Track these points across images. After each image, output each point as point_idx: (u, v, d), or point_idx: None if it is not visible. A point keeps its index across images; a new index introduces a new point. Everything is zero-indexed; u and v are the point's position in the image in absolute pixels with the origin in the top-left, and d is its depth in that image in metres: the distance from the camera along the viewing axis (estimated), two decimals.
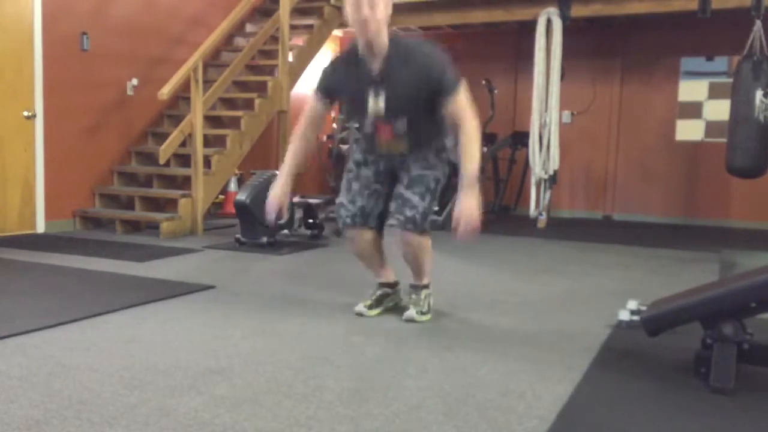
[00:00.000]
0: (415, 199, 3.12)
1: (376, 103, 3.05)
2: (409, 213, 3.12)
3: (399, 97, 3.02)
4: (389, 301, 3.45)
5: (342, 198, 3.29)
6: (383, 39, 2.96)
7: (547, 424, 2.08)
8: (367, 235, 3.29)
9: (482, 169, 7.25)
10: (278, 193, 3.22)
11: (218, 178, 6.46)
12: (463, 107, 3.00)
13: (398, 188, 3.18)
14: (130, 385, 2.32)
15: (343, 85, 3.14)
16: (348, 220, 3.26)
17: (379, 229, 3.34)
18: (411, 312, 3.27)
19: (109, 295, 3.65)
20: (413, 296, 3.34)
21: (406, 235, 3.15)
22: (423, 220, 3.14)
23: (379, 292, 3.42)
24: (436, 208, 6.60)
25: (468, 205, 2.91)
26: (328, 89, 3.19)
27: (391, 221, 3.21)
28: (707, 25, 7.16)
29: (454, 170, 3.18)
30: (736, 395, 2.32)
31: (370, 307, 3.37)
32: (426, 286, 3.35)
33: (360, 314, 3.34)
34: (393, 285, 3.47)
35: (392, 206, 3.20)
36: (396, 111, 3.05)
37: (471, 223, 2.90)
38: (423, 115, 3.07)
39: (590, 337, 3.03)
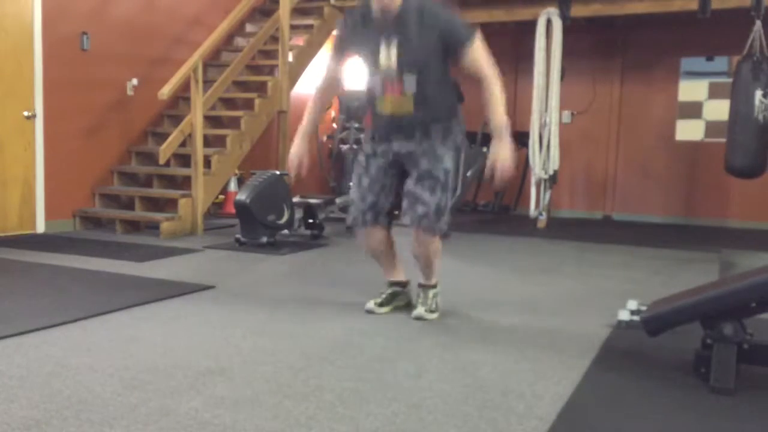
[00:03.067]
0: (426, 195, 3.11)
1: (389, 54, 3.06)
2: (420, 210, 3.11)
3: (411, 48, 3.03)
4: (399, 300, 3.46)
5: (353, 194, 3.31)
6: (394, 2, 3.00)
7: (547, 424, 2.08)
8: (379, 233, 3.31)
9: (482, 169, 7.29)
10: (297, 152, 3.29)
11: (218, 178, 6.45)
12: (480, 57, 3.06)
13: (408, 185, 3.17)
14: (130, 385, 2.32)
15: (357, 37, 3.16)
16: (359, 221, 3.28)
17: (389, 223, 3.35)
18: (420, 310, 3.30)
19: (109, 295, 3.64)
20: (421, 295, 3.35)
21: (419, 233, 3.15)
22: (437, 216, 3.11)
23: (389, 291, 3.44)
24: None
25: (501, 153, 3.03)
26: (342, 43, 3.23)
27: (404, 220, 3.19)
28: (707, 25, 7.15)
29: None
30: (736, 395, 2.32)
31: (380, 305, 3.39)
32: (434, 286, 3.36)
33: (370, 311, 3.36)
34: (404, 284, 3.47)
35: (404, 204, 3.18)
36: (408, 63, 3.04)
37: (506, 170, 3.02)
38: (433, 76, 3.08)
39: (590, 337, 3.03)
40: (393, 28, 3.04)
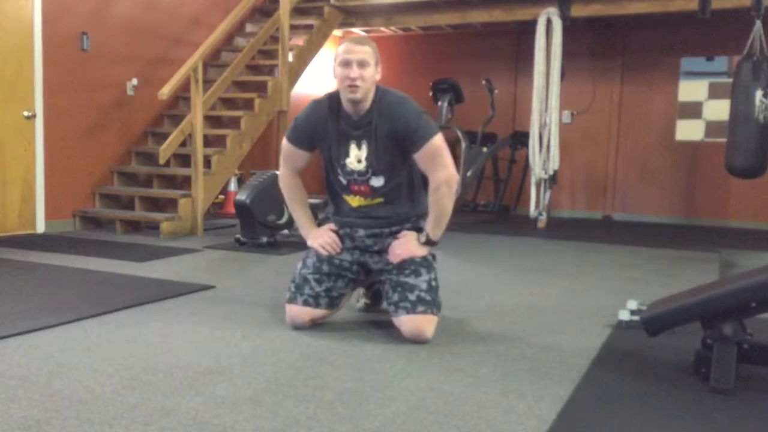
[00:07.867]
0: (412, 279, 2.90)
1: (357, 156, 2.91)
2: (412, 297, 2.88)
3: (379, 150, 2.88)
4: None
5: (307, 273, 3.06)
6: (368, 99, 2.86)
7: (547, 424, 2.07)
8: (316, 313, 3.04)
9: (482, 169, 7.30)
10: (323, 229, 3.08)
11: (218, 178, 6.46)
12: (436, 155, 2.83)
13: (390, 276, 2.97)
14: (130, 385, 2.32)
15: (322, 134, 2.96)
16: (299, 299, 3.01)
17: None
18: None
19: (109, 295, 3.64)
20: None
21: (418, 320, 2.85)
22: (432, 296, 2.92)
23: (371, 293, 3.43)
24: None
25: (405, 244, 2.86)
26: (301, 139, 3.02)
27: (393, 313, 2.93)
28: (707, 25, 7.16)
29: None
30: (736, 395, 2.32)
31: (367, 306, 3.39)
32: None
33: (362, 310, 3.37)
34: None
35: (393, 297, 2.92)
36: (376, 165, 2.90)
37: (398, 255, 2.86)
38: (402, 179, 2.96)
39: (590, 337, 3.03)
40: (361, 128, 2.88)
